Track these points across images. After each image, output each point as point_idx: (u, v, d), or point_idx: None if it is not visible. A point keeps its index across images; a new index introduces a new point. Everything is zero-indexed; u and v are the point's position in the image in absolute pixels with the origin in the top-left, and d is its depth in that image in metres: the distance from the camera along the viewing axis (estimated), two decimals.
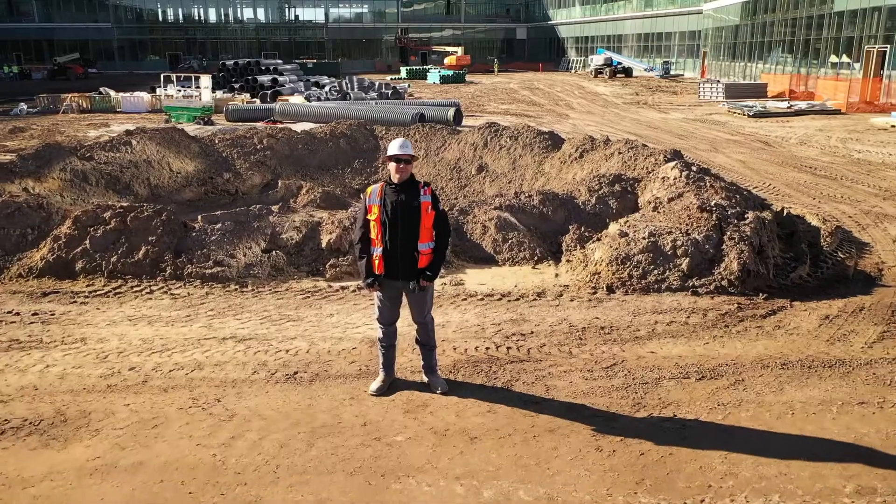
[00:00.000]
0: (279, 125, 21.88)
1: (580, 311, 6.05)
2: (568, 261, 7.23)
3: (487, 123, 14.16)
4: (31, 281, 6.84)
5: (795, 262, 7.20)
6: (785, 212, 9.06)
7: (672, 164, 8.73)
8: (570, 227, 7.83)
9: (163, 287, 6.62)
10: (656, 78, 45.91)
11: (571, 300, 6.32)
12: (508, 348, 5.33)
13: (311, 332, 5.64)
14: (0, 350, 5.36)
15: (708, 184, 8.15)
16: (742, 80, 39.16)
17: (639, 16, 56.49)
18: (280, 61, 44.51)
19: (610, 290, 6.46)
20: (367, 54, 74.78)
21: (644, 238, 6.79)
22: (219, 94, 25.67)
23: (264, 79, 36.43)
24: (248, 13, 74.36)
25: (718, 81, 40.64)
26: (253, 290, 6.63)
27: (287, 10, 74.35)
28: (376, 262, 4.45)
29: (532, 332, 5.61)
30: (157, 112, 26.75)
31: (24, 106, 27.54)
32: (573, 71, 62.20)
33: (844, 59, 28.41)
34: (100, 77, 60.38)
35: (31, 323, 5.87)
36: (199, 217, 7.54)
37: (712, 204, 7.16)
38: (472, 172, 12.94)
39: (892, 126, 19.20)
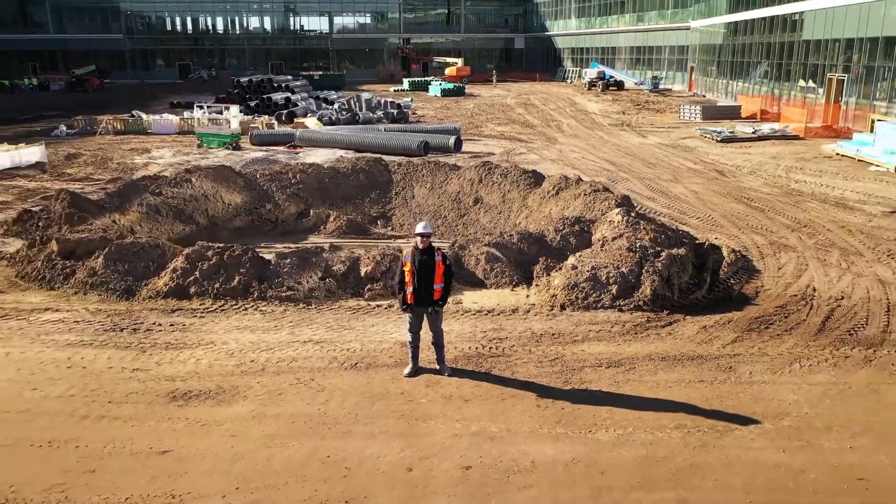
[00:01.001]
0: (299, 149, 24.96)
1: (540, 323, 9.05)
2: (536, 285, 10.22)
3: (482, 162, 17.13)
4: (158, 301, 9.83)
5: (698, 286, 10.19)
6: (706, 244, 12.07)
7: (618, 210, 11.72)
8: (540, 259, 10.81)
9: (253, 305, 9.62)
10: (646, 92, 48.91)
11: (535, 315, 9.32)
12: (490, 348, 8.33)
13: (361, 337, 8.64)
14: (161, 349, 8.36)
15: (642, 227, 11.13)
16: (724, 96, 42.22)
17: (631, 30, 59.42)
18: (290, 77, 47.38)
19: (562, 307, 9.45)
20: (370, 63, 77.74)
21: (588, 270, 9.78)
22: (241, 116, 28.49)
23: (278, 97, 39.40)
24: (254, 22, 77.13)
25: (704, 96, 43.63)
26: (315, 307, 9.63)
27: (292, 19, 77.22)
28: (409, 295, 7.44)
29: (506, 338, 8.61)
30: (186, 134, 29.68)
31: (63, 128, 30.48)
32: (569, 81, 65.15)
33: (811, 84, 31.39)
34: (113, 87, 63.42)
35: (173, 331, 8.87)
36: (274, 254, 10.54)
37: (638, 245, 10.15)
38: (469, 204, 15.93)
39: (837, 154, 22.20)
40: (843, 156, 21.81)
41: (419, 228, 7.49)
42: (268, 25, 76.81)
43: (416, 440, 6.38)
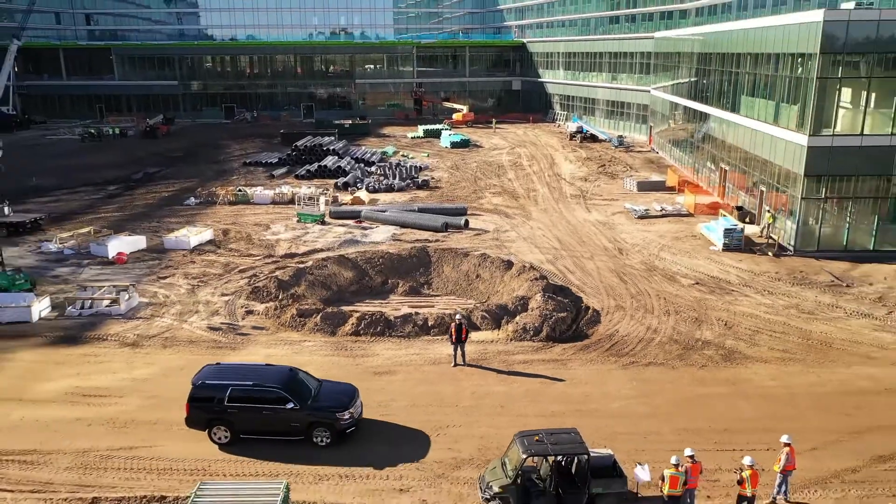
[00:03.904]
0: (364, 223, 40.09)
1: (500, 346, 24.22)
2: (502, 330, 25.36)
3: (481, 254, 32.26)
4: (347, 337, 25.00)
5: (569, 329, 25.32)
6: (584, 305, 27.23)
7: (541, 293, 26.82)
8: (505, 317, 25.94)
9: (387, 339, 24.79)
10: (612, 147, 63.96)
11: (499, 343, 24.49)
12: (481, 356, 23.49)
13: (434, 352, 23.81)
14: (360, 357, 23.52)
15: (551, 302, 26.24)
16: (668, 156, 57.27)
17: (607, 86, 74.43)
18: (332, 138, 62.55)
19: (510, 340, 24.62)
20: (387, 100, 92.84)
21: (522, 324, 24.95)
22: (321, 202, 43.52)
23: (329, 162, 54.51)
24: (288, 67, 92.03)
25: (658, 153, 58.38)
26: (412, 340, 24.79)
27: (320, 63, 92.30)
28: (453, 338, 22.63)
29: (488, 352, 23.77)
30: (277, 204, 44.86)
31: (193, 199, 45.64)
32: (557, 124, 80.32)
33: (713, 167, 46.43)
34: (177, 131, 78.52)
35: (359, 350, 24.04)
36: (392, 316, 25.69)
37: (544, 313, 25.31)
38: (473, 277, 31.05)
39: (701, 234, 37.24)
40: (702, 236, 36.87)
41: (458, 317, 22.71)
42: (300, 69, 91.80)
43: (456, 387, 21.51)
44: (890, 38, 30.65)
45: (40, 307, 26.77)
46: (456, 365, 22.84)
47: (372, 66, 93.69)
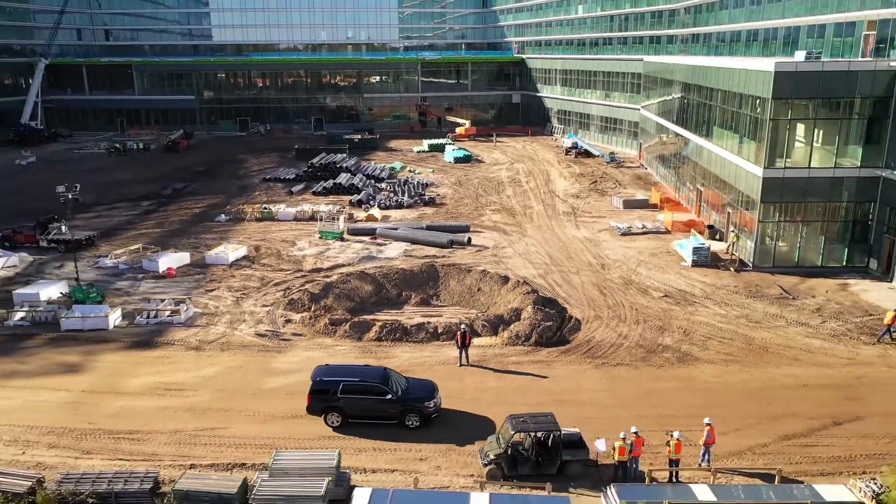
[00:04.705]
0: (379, 240, 45.90)
1: (499, 350, 30.01)
2: (499, 335, 31.15)
3: (482, 270, 38.05)
4: (371, 342, 30.78)
5: (554, 336, 31.12)
6: (568, 315, 33.04)
7: (531, 305, 32.61)
8: (501, 325, 31.73)
9: (404, 344, 30.58)
10: (605, 163, 69.66)
11: (496, 348, 30.28)
12: (482, 358, 29.27)
13: (443, 354, 29.58)
14: (383, 358, 29.33)
15: (540, 313, 32.03)
16: (655, 173, 62.96)
17: (601, 103, 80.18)
18: (344, 155, 68.35)
19: (506, 345, 30.42)
20: (393, 112, 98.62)
21: (515, 331, 30.75)
22: (340, 220, 49.29)
23: (343, 179, 60.31)
24: (299, 82, 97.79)
25: (647, 168, 63.97)
26: (425, 344, 30.57)
27: (329, 77, 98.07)
28: (458, 343, 28.43)
29: (486, 355, 29.55)
30: (299, 220, 50.66)
31: (223, 216, 51.44)
32: (554, 137, 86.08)
33: (691, 187, 52.13)
34: (195, 145, 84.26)
35: (382, 352, 29.84)
36: (408, 324, 31.50)
37: (534, 322, 31.11)
38: (475, 290, 36.82)
39: (674, 251, 42.96)
40: (675, 252, 42.60)
41: (463, 326, 28.53)
42: (310, 83, 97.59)
43: (461, 383, 27.27)
44: (833, 85, 36.34)
45: (115, 316, 32.57)
46: (461, 365, 28.61)
47: (378, 78, 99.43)
